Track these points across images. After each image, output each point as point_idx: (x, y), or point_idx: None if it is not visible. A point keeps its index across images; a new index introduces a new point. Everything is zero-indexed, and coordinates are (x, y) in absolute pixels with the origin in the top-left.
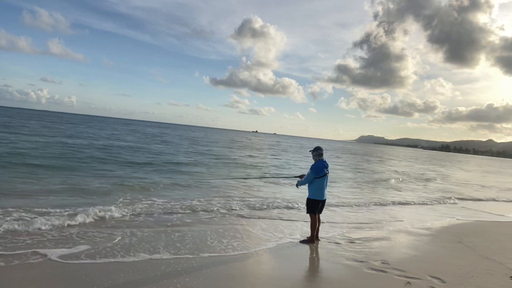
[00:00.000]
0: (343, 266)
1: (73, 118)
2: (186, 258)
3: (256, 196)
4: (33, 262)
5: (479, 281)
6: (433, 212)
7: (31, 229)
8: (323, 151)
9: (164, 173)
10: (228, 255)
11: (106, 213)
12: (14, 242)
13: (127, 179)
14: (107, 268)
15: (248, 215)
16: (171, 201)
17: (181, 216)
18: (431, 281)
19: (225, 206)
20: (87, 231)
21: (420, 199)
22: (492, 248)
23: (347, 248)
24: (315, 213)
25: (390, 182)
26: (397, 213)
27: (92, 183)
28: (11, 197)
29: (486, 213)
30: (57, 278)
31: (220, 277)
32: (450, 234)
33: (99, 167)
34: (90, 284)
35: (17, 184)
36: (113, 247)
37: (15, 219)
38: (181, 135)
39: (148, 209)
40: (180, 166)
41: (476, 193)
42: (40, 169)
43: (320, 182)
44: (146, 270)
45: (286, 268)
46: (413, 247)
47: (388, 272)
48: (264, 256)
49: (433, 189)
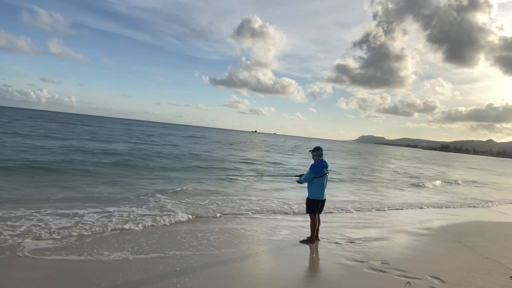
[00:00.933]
0: (343, 266)
1: (89, 119)
2: (186, 258)
3: (255, 196)
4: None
5: (479, 281)
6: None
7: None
8: (323, 151)
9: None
10: (228, 255)
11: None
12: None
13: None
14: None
15: (248, 215)
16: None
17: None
18: (431, 281)
19: (224, 205)
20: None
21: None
22: (492, 248)
23: (347, 248)
24: (315, 213)
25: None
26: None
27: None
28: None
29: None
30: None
31: (220, 277)
32: (450, 234)
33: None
34: (88, 283)
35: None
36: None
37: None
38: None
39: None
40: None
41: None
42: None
43: (319, 182)
44: (146, 270)
45: (286, 268)
46: (413, 247)
47: (388, 272)
48: (264, 256)
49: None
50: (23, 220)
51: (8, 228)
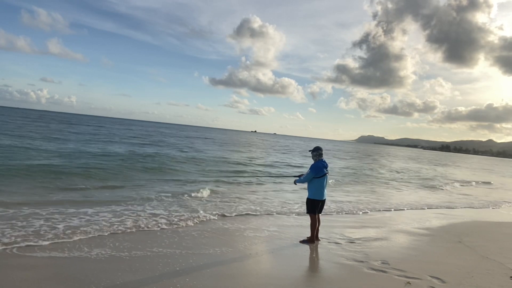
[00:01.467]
0: (343, 266)
1: (89, 119)
2: (185, 258)
3: (255, 196)
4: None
5: (479, 281)
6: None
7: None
8: (323, 151)
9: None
10: (227, 255)
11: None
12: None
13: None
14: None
15: (247, 215)
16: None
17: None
18: (431, 281)
19: (223, 205)
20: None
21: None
22: (492, 248)
23: (347, 248)
24: (315, 213)
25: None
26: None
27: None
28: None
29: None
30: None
31: (220, 277)
32: (450, 234)
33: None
34: (88, 283)
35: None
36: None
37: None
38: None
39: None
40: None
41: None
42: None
43: (319, 182)
44: (145, 270)
45: (286, 268)
46: (413, 247)
47: (388, 272)
48: (264, 256)
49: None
50: (24, 221)
51: (10, 228)
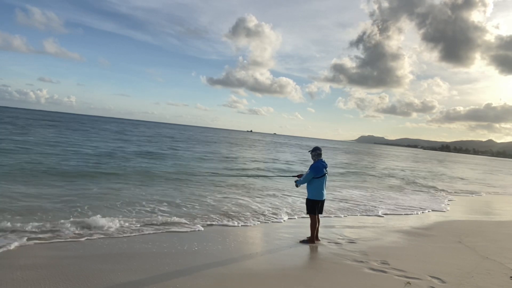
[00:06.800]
0: (343, 266)
1: (91, 119)
2: (185, 258)
3: (255, 196)
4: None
5: (479, 281)
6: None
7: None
8: (322, 151)
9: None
10: (227, 255)
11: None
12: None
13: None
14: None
15: (247, 215)
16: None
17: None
18: (431, 281)
19: (223, 206)
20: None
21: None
22: (492, 248)
23: (347, 248)
24: (315, 213)
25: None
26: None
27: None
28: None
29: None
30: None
31: (220, 277)
32: (450, 234)
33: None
34: (88, 283)
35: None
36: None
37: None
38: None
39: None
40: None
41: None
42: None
43: (319, 182)
44: (145, 270)
45: (286, 268)
46: (413, 247)
47: (388, 272)
48: (264, 256)
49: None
50: (26, 220)
51: (11, 227)
